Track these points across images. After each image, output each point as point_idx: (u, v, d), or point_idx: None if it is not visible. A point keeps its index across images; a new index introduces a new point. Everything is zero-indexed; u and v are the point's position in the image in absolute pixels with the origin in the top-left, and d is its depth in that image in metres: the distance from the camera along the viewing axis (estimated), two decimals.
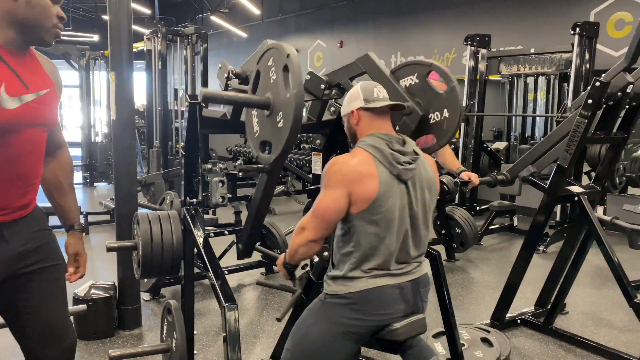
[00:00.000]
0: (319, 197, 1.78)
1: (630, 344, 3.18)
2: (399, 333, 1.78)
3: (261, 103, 1.82)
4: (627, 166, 5.68)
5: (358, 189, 1.71)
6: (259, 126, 1.90)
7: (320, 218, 1.78)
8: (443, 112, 2.08)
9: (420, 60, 2.16)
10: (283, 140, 1.73)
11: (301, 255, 1.89)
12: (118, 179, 3.22)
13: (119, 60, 3.09)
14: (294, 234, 1.87)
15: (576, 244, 3.26)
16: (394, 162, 1.74)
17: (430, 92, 2.11)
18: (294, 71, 1.68)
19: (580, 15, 6.40)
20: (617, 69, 2.86)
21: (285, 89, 1.72)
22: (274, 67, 1.79)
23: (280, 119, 1.73)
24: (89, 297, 3.10)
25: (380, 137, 1.79)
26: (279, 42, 1.82)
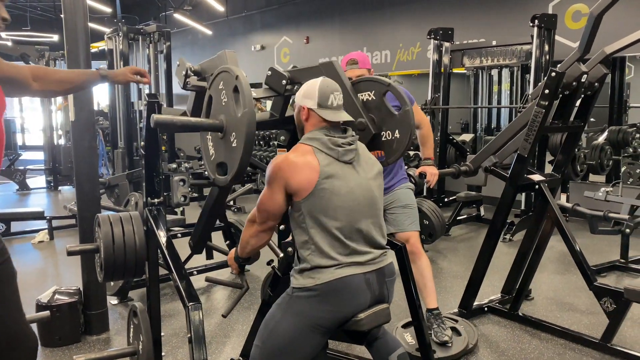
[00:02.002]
0: (262, 192, 1.89)
1: (592, 326, 3.28)
2: (363, 323, 1.81)
3: (214, 126, 1.84)
4: (588, 154, 5.85)
5: (293, 179, 1.80)
6: (214, 149, 1.92)
7: (264, 212, 1.88)
8: (395, 133, 2.15)
9: (379, 78, 2.20)
10: (237, 159, 1.76)
11: (252, 247, 1.98)
12: (79, 181, 3.15)
13: (76, 59, 3.01)
14: (245, 228, 1.98)
15: (538, 231, 3.34)
16: (332, 146, 1.84)
17: (385, 111, 2.18)
18: (243, 92, 1.71)
19: (539, 8, 6.53)
20: (571, 59, 2.93)
21: (236, 110, 1.74)
22: (224, 90, 1.81)
23: (234, 139, 1.75)
24: (53, 303, 3.03)
25: (319, 129, 1.89)
26: (227, 66, 1.84)
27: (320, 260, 1.80)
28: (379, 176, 1.98)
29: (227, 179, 1.83)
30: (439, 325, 2.94)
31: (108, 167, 9.05)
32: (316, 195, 1.79)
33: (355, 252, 1.83)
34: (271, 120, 2.59)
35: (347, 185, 1.83)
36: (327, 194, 1.79)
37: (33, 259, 5.05)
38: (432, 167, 3.16)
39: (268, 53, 11.42)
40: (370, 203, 1.89)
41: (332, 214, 1.80)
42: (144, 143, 2.24)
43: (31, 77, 1.89)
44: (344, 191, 1.82)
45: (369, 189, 1.90)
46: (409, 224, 2.97)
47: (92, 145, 3.14)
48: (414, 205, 3.04)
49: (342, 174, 1.83)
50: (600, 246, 5.00)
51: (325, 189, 1.79)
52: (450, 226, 5.64)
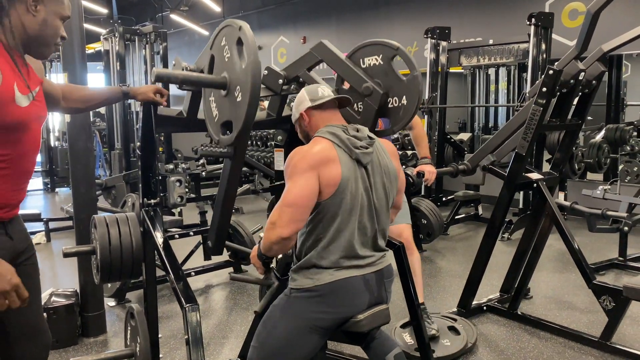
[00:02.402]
0: (288, 187, 1.72)
1: (591, 324, 3.27)
2: (363, 324, 1.79)
3: (217, 81, 1.79)
4: (585, 152, 5.85)
5: (325, 172, 1.72)
6: (218, 109, 1.86)
7: (294, 207, 1.69)
8: (402, 99, 2.08)
9: (387, 41, 2.11)
10: (243, 113, 1.69)
11: (275, 252, 1.83)
12: (75, 183, 3.13)
13: (71, 60, 3.00)
14: (266, 230, 1.77)
15: (536, 230, 3.33)
16: (352, 147, 1.78)
17: (393, 76, 2.10)
18: (247, 41, 1.66)
19: (536, 6, 6.53)
20: (568, 57, 2.92)
21: (240, 62, 1.70)
22: (227, 45, 1.77)
23: (238, 93, 1.71)
24: (50, 306, 3.01)
25: (335, 126, 1.84)
26: (230, 19, 1.81)
27: (323, 261, 1.78)
28: (394, 181, 1.92)
29: (232, 137, 1.77)
30: (424, 320, 2.94)
31: (105, 168, 9.02)
32: (334, 197, 1.74)
33: (357, 256, 1.81)
34: (268, 120, 2.58)
35: (362, 189, 1.79)
36: (344, 197, 1.74)
37: None
38: (430, 166, 3.15)
39: (265, 53, 11.41)
40: (380, 207, 1.86)
41: (345, 217, 1.76)
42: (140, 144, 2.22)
43: (61, 95, 1.95)
44: (358, 195, 1.78)
45: (381, 194, 1.86)
46: (401, 217, 2.97)
47: (87, 146, 3.12)
48: (405, 200, 3.04)
49: (357, 176, 1.78)
50: (598, 244, 5.00)
51: (344, 192, 1.74)
52: (448, 225, 5.64)
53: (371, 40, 2.15)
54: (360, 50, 2.17)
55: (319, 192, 1.72)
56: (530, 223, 3.42)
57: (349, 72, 2.16)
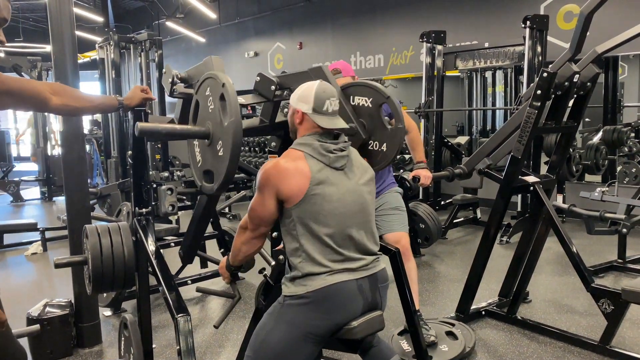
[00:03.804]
0: (253, 198, 1.86)
1: (591, 328, 3.24)
2: (357, 331, 1.77)
3: (200, 133, 1.82)
4: (583, 154, 5.84)
5: (284, 185, 1.77)
6: (201, 156, 1.89)
7: (256, 218, 1.85)
8: (382, 145, 2.11)
9: (380, 89, 2.12)
10: (224, 168, 1.73)
11: (244, 254, 1.93)
12: (69, 191, 3.11)
13: (63, 69, 2.98)
14: (236, 235, 1.94)
15: (534, 233, 3.31)
16: (324, 152, 1.81)
17: (378, 122, 2.13)
18: (229, 100, 1.68)
19: (531, 9, 6.54)
20: (563, 59, 2.91)
21: (223, 118, 1.70)
22: (211, 96, 1.78)
23: (220, 147, 1.73)
24: (44, 317, 2.98)
25: (311, 135, 1.87)
26: (214, 72, 1.81)
27: (312, 267, 1.77)
28: (370, 182, 1.95)
29: (213, 188, 1.80)
30: (422, 327, 2.92)
31: (103, 176, 9.00)
32: (307, 202, 1.76)
33: (347, 259, 1.80)
34: (261, 126, 2.55)
35: (338, 192, 1.80)
36: (318, 200, 1.76)
37: (26, 272, 5.00)
38: (426, 170, 3.14)
39: (261, 59, 11.42)
40: (362, 209, 1.86)
41: (323, 220, 1.77)
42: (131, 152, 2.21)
43: (48, 93, 1.89)
44: (335, 198, 1.79)
45: (361, 195, 1.87)
46: (398, 225, 2.97)
47: (81, 156, 3.10)
48: (403, 208, 3.05)
49: (333, 180, 1.80)
50: (597, 246, 4.97)
51: (317, 196, 1.76)
52: (446, 229, 5.61)
53: (365, 82, 2.18)
54: (353, 88, 2.18)
55: (284, 201, 1.78)
56: (527, 226, 3.40)
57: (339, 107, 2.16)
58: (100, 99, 2.18)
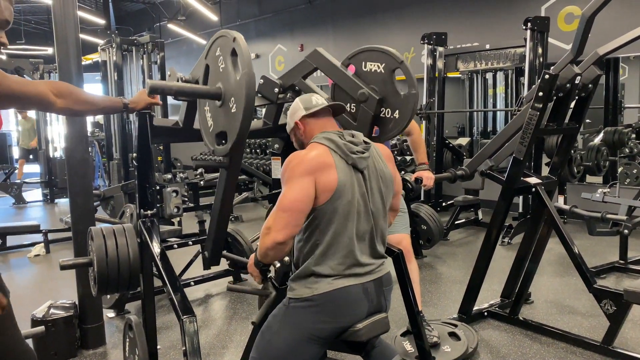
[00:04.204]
0: (284, 192, 1.72)
1: (593, 329, 3.25)
2: (362, 333, 1.78)
3: (211, 92, 1.79)
4: (584, 156, 5.84)
5: (321, 177, 1.71)
6: (213, 119, 1.86)
7: (289, 212, 1.69)
8: (395, 112, 2.08)
9: (393, 53, 2.08)
10: (238, 124, 1.69)
11: (271, 258, 1.82)
12: (73, 194, 3.12)
13: (68, 71, 2.99)
14: (261, 236, 1.77)
15: (536, 234, 3.32)
16: (348, 152, 1.78)
17: (391, 87, 2.09)
18: (241, 52, 1.66)
19: (532, 11, 6.55)
20: (564, 61, 2.92)
21: (235, 74, 1.69)
22: (221, 56, 1.77)
23: (233, 104, 1.70)
24: (48, 318, 2.99)
25: (331, 132, 1.84)
26: (224, 30, 1.80)
27: (320, 268, 1.76)
28: (390, 186, 1.91)
29: (227, 148, 1.77)
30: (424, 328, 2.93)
31: (105, 178, 9.02)
32: (331, 202, 1.73)
33: (357, 264, 1.79)
34: (265, 128, 2.57)
35: (358, 193, 1.78)
36: (341, 201, 1.74)
37: (29, 273, 5.01)
38: (428, 172, 3.15)
39: (263, 61, 11.44)
40: (377, 213, 1.85)
41: (342, 222, 1.75)
42: (135, 154, 2.22)
43: (52, 94, 1.88)
44: (354, 199, 1.77)
45: (377, 199, 1.85)
46: (400, 226, 2.97)
47: (85, 158, 3.11)
48: (405, 209, 3.06)
49: (354, 181, 1.78)
50: (599, 247, 4.98)
51: (340, 198, 1.73)
52: (448, 231, 5.63)
53: (378, 47, 2.13)
54: (365, 53, 2.15)
55: (314, 197, 1.71)
56: (529, 227, 3.41)
57: (344, 79, 2.15)
58: (106, 101, 2.18)
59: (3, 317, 1.70)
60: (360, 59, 2.15)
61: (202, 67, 1.97)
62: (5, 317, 1.71)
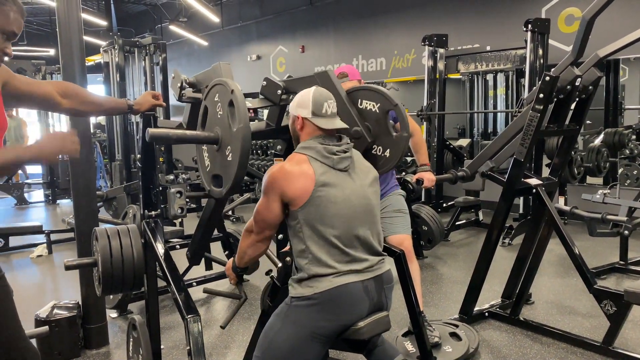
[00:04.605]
0: (258, 203, 1.90)
1: (593, 329, 3.27)
2: (363, 332, 1.80)
3: (209, 139, 1.85)
4: (585, 157, 5.86)
5: (289, 188, 1.81)
6: (210, 160, 1.93)
7: (261, 222, 1.89)
8: (386, 151, 2.13)
9: (388, 96, 2.13)
10: (233, 173, 1.77)
11: (249, 257, 1.98)
12: (77, 195, 3.14)
13: (72, 73, 3.02)
14: (242, 238, 1.98)
15: (537, 235, 3.34)
16: (327, 154, 1.85)
17: (384, 128, 2.15)
18: (238, 107, 1.71)
19: (532, 12, 6.58)
20: (565, 63, 2.94)
21: (231, 124, 1.74)
22: (219, 102, 1.81)
23: (229, 152, 1.76)
24: (52, 318, 3.01)
25: (314, 139, 1.91)
26: (223, 79, 1.84)
27: (318, 269, 1.80)
28: (375, 183, 1.98)
29: (222, 192, 1.83)
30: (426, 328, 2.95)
31: (106, 179, 9.05)
32: (312, 204, 1.79)
33: (353, 260, 1.83)
34: (267, 130, 2.59)
35: (343, 193, 1.83)
36: (323, 202, 1.79)
37: (32, 274, 5.04)
38: (429, 173, 3.17)
39: (264, 63, 11.46)
40: (367, 210, 1.89)
41: (329, 221, 1.80)
42: (139, 155, 2.24)
43: (58, 95, 1.91)
44: (340, 199, 1.82)
45: (365, 196, 1.90)
46: (401, 227, 2.98)
47: (88, 159, 3.14)
48: (406, 210, 3.07)
49: (337, 181, 1.84)
50: (599, 248, 5.00)
51: (322, 197, 1.79)
52: (449, 231, 5.64)
53: (374, 87, 2.18)
54: (362, 92, 2.19)
55: (289, 204, 1.82)
56: (530, 228, 3.43)
57: (344, 110, 2.19)
58: (110, 102, 2.20)
59: (6, 315, 1.72)
60: (357, 96, 2.20)
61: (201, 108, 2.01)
62: (9, 316, 1.73)
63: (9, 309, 1.72)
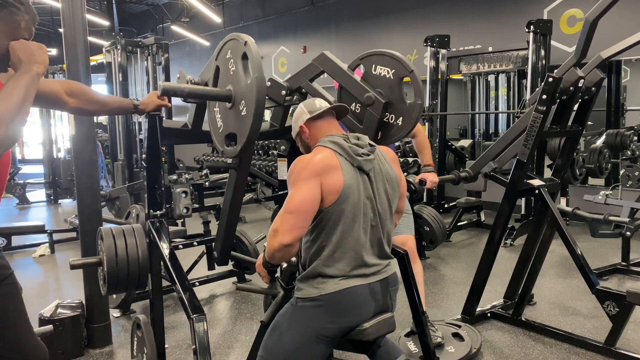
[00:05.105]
0: (290, 194, 1.75)
1: (595, 330, 3.27)
2: (368, 333, 1.80)
3: (222, 95, 1.81)
4: (586, 158, 5.86)
5: (327, 180, 1.74)
6: (222, 121, 1.89)
7: (295, 213, 1.72)
8: (398, 119, 2.11)
9: (404, 61, 2.08)
10: (247, 127, 1.71)
11: (278, 260, 1.84)
12: (81, 194, 3.15)
13: (76, 73, 3.02)
14: (268, 238, 1.80)
15: (539, 236, 3.35)
16: (353, 154, 1.81)
17: (397, 94, 2.11)
18: (252, 57, 1.68)
19: (534, 13, 6.59)
20: (568, 64, 2.94)
21: (245, 77, 1.72)
22: (232, 58, 1.79)
23: (243, 107, 1.73)
24: (56, 317, 3.02)
25: (336, 135, 1.87)
26: (235, 33, 1.83)
27: (328, 269, 1.79)
28: (396, 187, 1.94)
29: (236, 149, 1.79)
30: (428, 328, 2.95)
31: (108, 179, 9.06)
32: (337, 204, 1.76)
33: (364, 265, 1.82)
34: (271, 130, 2.60)
35: (364, 196, 1.81)
36: (347, 204, 1.77)
37: (34, 273, 5.04)
38: (432, 174, 3.18)
39: (266, 63, 11.47)
40: (384, 215, 1.88)
41: (348, 224, 1.78)
42: (145, 155, 2.25)
43: (65, 93, 1.92)
44: (361, 202, 1.80)
45: (385, 200, 1.88)
46: (404, 227, 2.99)
47: (92, 159, 3.14)
48: (409, 211, 3.08)
49: (362, 184, 1.81)
50: (601, 249, 5.00)
51: (348, 198, 1.77)
52: (451, 232, 5.64)
53: (390, 52, 2.13)
54: (376, 57, 2.16)
55: (321, 199, 1.74)
56: (532, 229, 3.44)
57: (351, 82, 2.18)
58: (116, 102, 2.21)
59: (16, 311, 1.74)
60: (372, 61, 2.17)
61: (212, 69, 2.00)
62: (18, 312, 1.75)
63: (18, 306, 1.75)
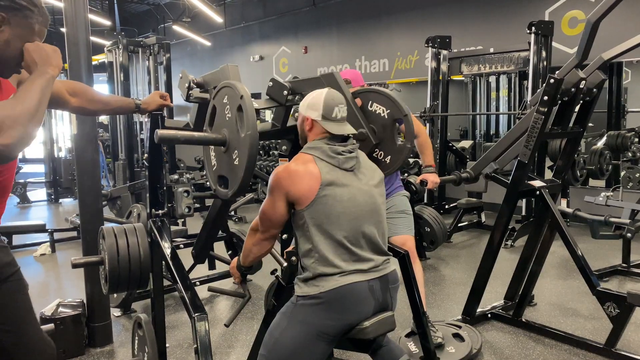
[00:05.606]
0: (263, 202, 1.92)
1: (596, 331, 3.28)
2: (369, 331, 1.81)
3: (217, 141, 1.85)
4: (587, 159, 5.87)
5: (295, 188, 1.82)
6: (217, 160, 1.93)
7: (266, 221, 1.91)
8: (387, 157, 2.14)
9: (400, 104, 2.11)
10: (239, 177, 1.77)
11: (254, 255, 2.00)
12: (82, 194, 3.16)
13: (78, 73, 3.03)
14: (247, 236, 2.01)
15: (539, 237, 3.35)
16: (333, 154, 1.86)
17: (389, 134, 2.15)
18: (247, 113, 1.70)
19: (536, 15, 6.59)
20: (569, 65, 2.95)
21: (239, 129, 1.74)
22: (228, 105, 1.81)
23: (236, 157, 1.77)
24: (57, 316, 3.03)
25: (320, 139, 1.93)
26: (233, 82, 1.84)
27: (324, 268, 1.81)
28: (380, 183, 2.00)
29: (228, 194, 1.83)
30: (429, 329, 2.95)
31: (109, 179, 9.06)
32: (318, 203, 1.81)
33: (359, 260, 1.84)
34: (273, 131, 2.60)
35: (349, 192, 1.85)
36: (329, 201, 1.81)
37: (35, 272, 5.05)
38: (433, 175, 3.18)
39: (267, 63, 11.48)
40: (373, 209, 1.91)
41: (335, 220, 1.81)
42: (147, 155, 2.26)
43: (67, 93, 1.93)
44: (346, 198, 1.83)
45: (371, 195, 1.92)
46: (404, 228, 3.00)
47: (94, 158, 3.15)
48: (409, 211, 3.08)
49: (343, 181, 1.85)
50: (602, 251, 5.01)
51: (327, 196, 1.81)
52: (451, 233, 5.65)
53: (387, 93, 2.16)
54: (374, 95, 2.18)
55: (294, 204, 1.84)
56: (533, 230, 3.44)
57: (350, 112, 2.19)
58: (119, 102, 2.22)
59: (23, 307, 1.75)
60: (369, 97, 2.19)
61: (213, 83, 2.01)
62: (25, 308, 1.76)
63: (26, 302, 1.76)
